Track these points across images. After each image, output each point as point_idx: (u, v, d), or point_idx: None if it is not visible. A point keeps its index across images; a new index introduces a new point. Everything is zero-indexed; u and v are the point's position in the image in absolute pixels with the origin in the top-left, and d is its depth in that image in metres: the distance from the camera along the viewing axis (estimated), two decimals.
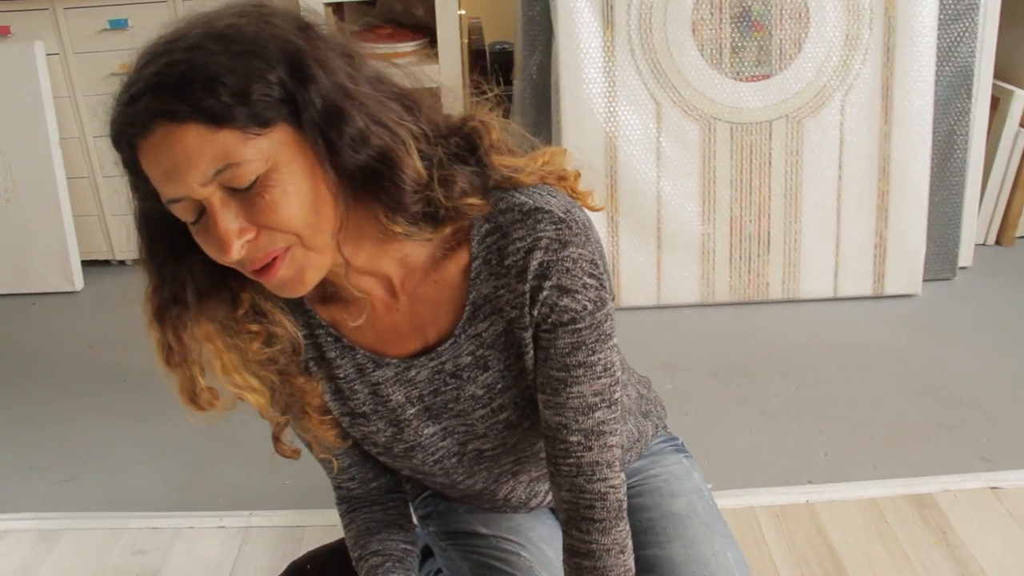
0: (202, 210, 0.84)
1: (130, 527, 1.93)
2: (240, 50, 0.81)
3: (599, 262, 0.96)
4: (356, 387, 1.07)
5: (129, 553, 1.86)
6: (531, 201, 0.95)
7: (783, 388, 2.31)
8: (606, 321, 0.97)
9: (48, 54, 2.89)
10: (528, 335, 0.98)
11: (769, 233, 2.67)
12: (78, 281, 3.03)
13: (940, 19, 2.54)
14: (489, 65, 3.43)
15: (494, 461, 1.13)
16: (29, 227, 2.98)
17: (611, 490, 1.01)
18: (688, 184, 2.63)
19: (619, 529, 1.02)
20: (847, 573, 1.70)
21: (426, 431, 1.09)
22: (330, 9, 2.83)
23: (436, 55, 2.83)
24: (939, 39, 2.55)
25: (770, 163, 2.62)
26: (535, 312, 0.96)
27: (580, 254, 0.94)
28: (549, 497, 1.23)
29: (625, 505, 1.03)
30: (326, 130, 0.84)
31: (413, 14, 3.03)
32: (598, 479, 1.00)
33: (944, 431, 2.11)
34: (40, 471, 2.13)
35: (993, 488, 1.90)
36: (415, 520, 1.31)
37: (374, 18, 3.03)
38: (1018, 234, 3.05)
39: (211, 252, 0.87)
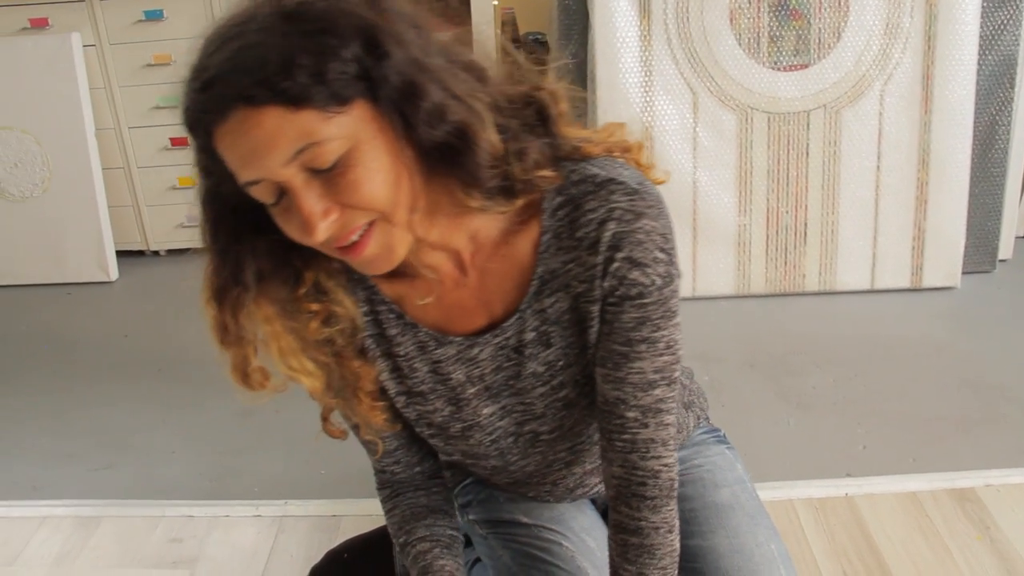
0: (282, 192, 0.83)
1: (167, 515, 1.94)
2: (313, 28, 0.80)
3: (670, 237, 0.95)
4: (416, 365, 1.06)
5: (166, 541, 1.87)
6: (604, 172, 0.94)
7: (820, 380, 2.29)
8: (673, 298, 0.96)
9: (84, 45, 2.92)
10: (596, 308, 0.96)
11: (806, 224, 2.64)
12: (113, 271, 3.04)
13: (983, 7, 2.49)
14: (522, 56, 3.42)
15: (549, 447, 1.12)
16: (65, 217, 3.00)
17: (664, 468, 1.00)
18: (724, 174, 2.60)
19: (669, 508, 1.01)
20: (888, 567, 1.68)
21: (485, 411, 1.08)
22: None
23: (470, 46, 2.82)
24: (982, 27, 2.51)
25: (807, 153, 2.59)
26: (605, 284, 0.94)
27: (653, 226, 0.93)
28: (595, 489, 1.22)
29: (676, 485, 1.02)
30: (402, 106, 0.83)
31: (446, 4, 3.02)
32: (652, 456, 0.99)
33: (985, 425, 2.08)
34: (77, 458, 2.15)
35: None
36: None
37: None
38: None
39: (293, 234, 0.86)
